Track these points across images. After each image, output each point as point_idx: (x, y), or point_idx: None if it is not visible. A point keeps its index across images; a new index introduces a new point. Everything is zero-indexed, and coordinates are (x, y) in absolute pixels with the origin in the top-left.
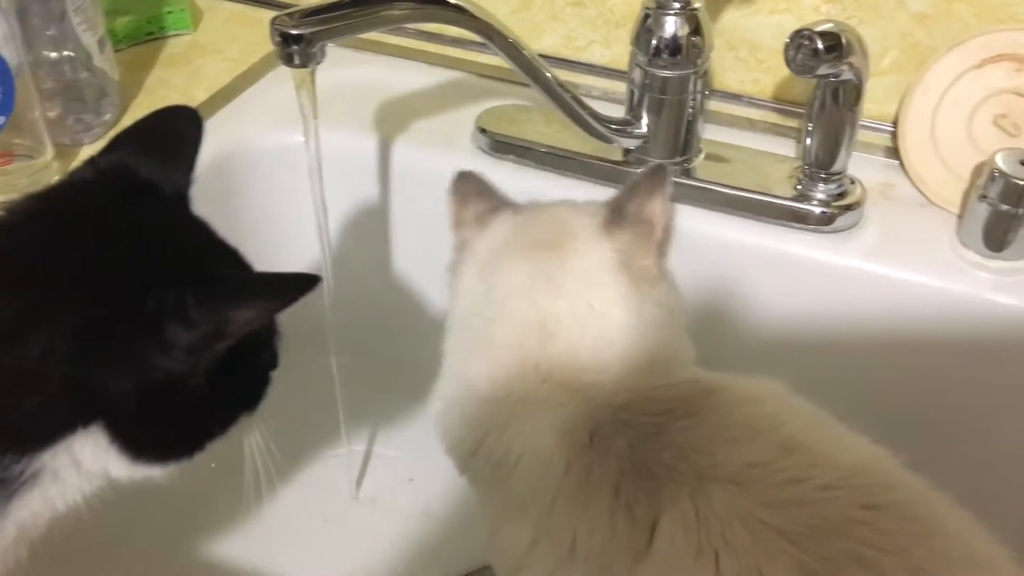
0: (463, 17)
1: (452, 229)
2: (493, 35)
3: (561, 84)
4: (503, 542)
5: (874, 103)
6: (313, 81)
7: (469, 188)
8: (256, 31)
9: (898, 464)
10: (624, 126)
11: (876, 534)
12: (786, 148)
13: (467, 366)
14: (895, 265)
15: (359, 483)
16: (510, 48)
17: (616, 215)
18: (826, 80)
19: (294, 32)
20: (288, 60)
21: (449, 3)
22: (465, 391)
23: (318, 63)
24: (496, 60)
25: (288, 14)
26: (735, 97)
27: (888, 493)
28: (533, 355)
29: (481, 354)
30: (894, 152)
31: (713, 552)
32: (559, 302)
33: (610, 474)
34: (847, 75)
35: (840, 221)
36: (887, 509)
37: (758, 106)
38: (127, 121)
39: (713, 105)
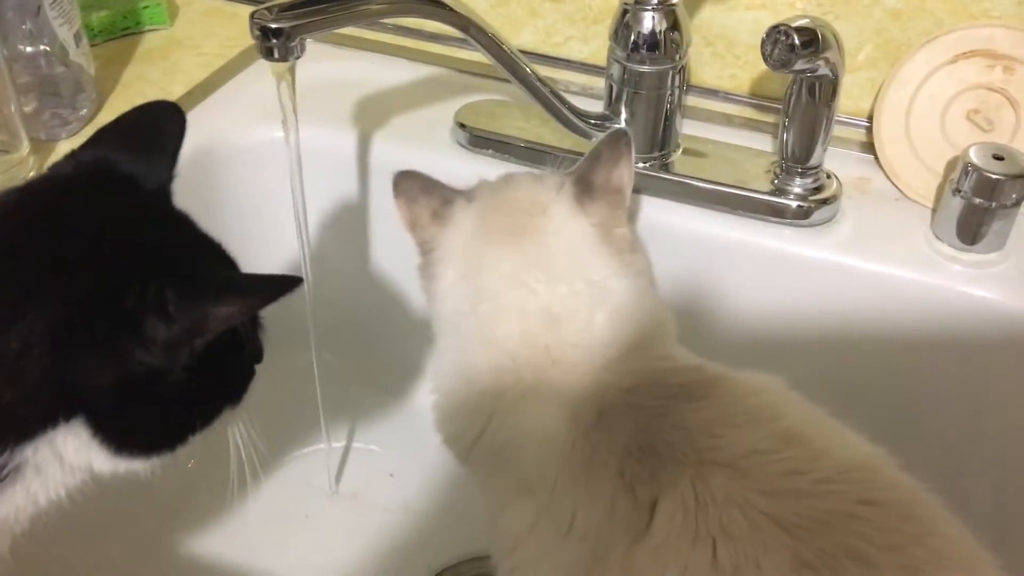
0: (442, 11)
1: (409, 231)
2: (472, 29)
3: (540, 79)
4: (505, 524)
5: (849, 99)
6: (293, 75)
7: (413, 185)
8: (233, 26)
9: (894, 464)
10: (602, 121)
11: (873, 530)
12: (763, 143)
13: (468, 359)
14: (870, 258)
15: (339, 478)
16: (489, 43)
17: (585, 187)
18: (802, 75)
19: (273, 26)
20: (268, 54)
21: None
22: (467, 383)
23: (297, 57)
24: (475, 56)
25: (267, 8)
26: (712, 92)
27: (885, 491)
28: (542, 341)
29: (482, 348)
30: (869, 147)
31: (711, 539)
32: (557, 286)
33: (616, 453)
34: (823, 70)
35: (816, 215)
36: (884, 506)
37: (735, 101)
38: (103, 116)
39: (690, 100)
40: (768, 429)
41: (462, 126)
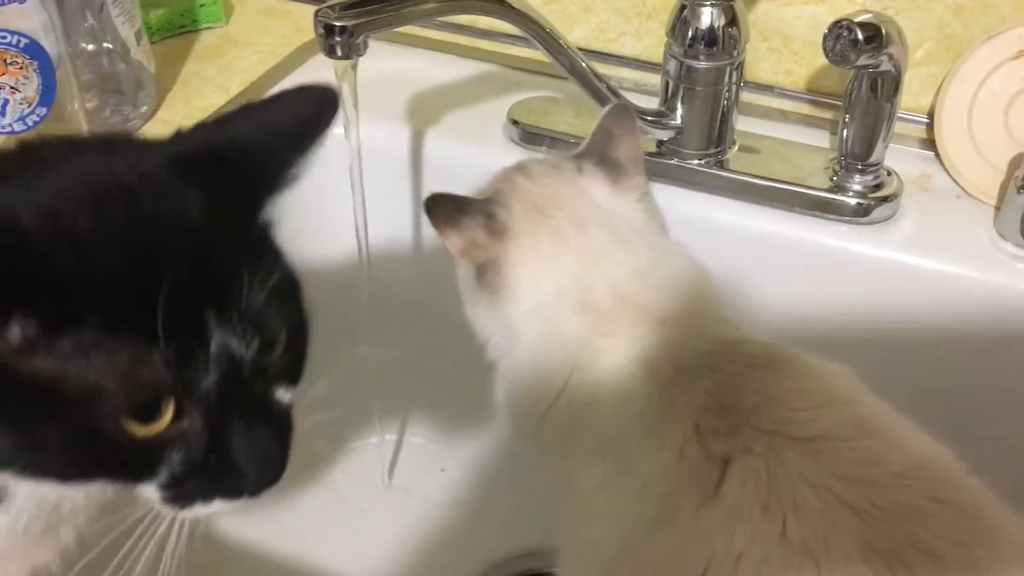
0: (502, 8)
1: (463, 255)
2: (531, 26)
3: (598, 75)
4: (575, 489)
5: (909, 94)
6: (355, 73)
7: (448, 208)
8: (286, 24)
9: (961, 467)
10: (659, 117)
11: (941, 526)
12: (819, 139)
13: (549, 337)
14: (932, 257)
15: (392, 472)
16: (547, 39)
17: (612, 166)
18: (864, 71)
19: (338, 24)
20: (330, 52)
21: None
22: (546, 356)
23: (360, 55)
24: (526, 52)
25: (331, 6)
26: (767, 88)
27: (955, 490)
28: (624, 308)
29: (566, 321)
30: (930, 143)
31: (781, 511)
32: (633, 257)
33: (693, 408)
34: (886, 66)
35: (876, 213)
36: (953, 505)
37: (791, 97)
38: (163, 113)
39: (745, 96)
40: (842, 414)
41: (515, 122)
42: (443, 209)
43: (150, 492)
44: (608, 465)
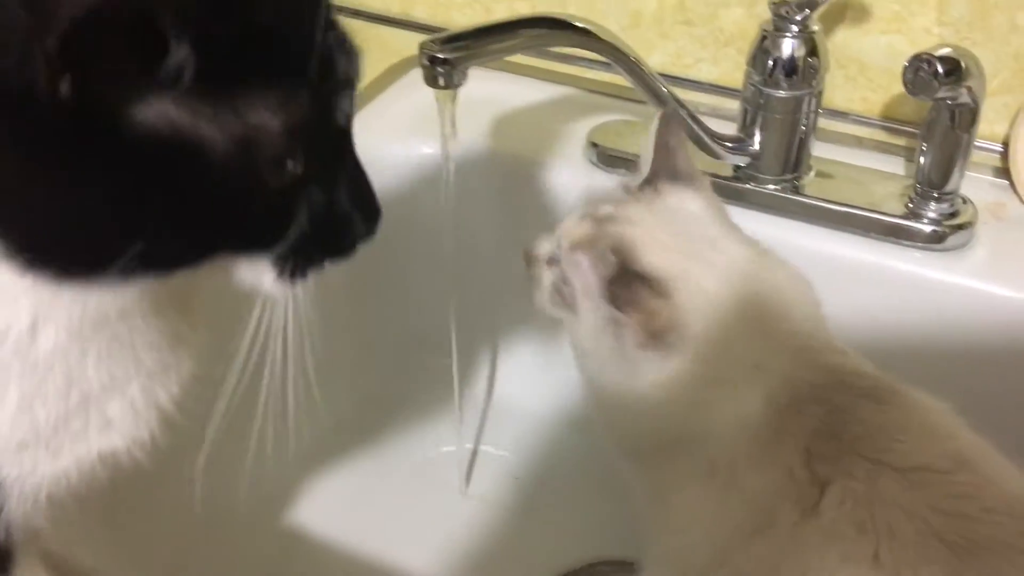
0: (590, 40)
1: (649, 331)
2: (617, 55)
3: (679, 101)
4: (669, 502)
5: (985, 123)
6: (455, 101)
7: (634, 287)
8: (375, 48)
9: None
10: (737, 143)
11: None
12: (893, 166)
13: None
14: (1007, 284)
15: (468, 480)
16: (631, 66)
17: (686, 179)
18: (943, 102)
19: (441, 56)
20: (433, 82)
21: (577, 27)
22: (689, 381)
23: (459, 85)
24: (603, 76)
25: (434, 39)
26: (843, 114)
27: None
28: (771, 323)
29: (736, 343)
30: (1004, 172)
31: (876, 535)
32: (777, 272)
33: (804, 431)
34: (964, 98)
35: (951, 240)
36: None
37: (866, 124)
38: None
39: (821, 122)
40: (942, 447)
41: (594, 145)
42: (625, 288)
43: (265, 272)
44: (714, 480)
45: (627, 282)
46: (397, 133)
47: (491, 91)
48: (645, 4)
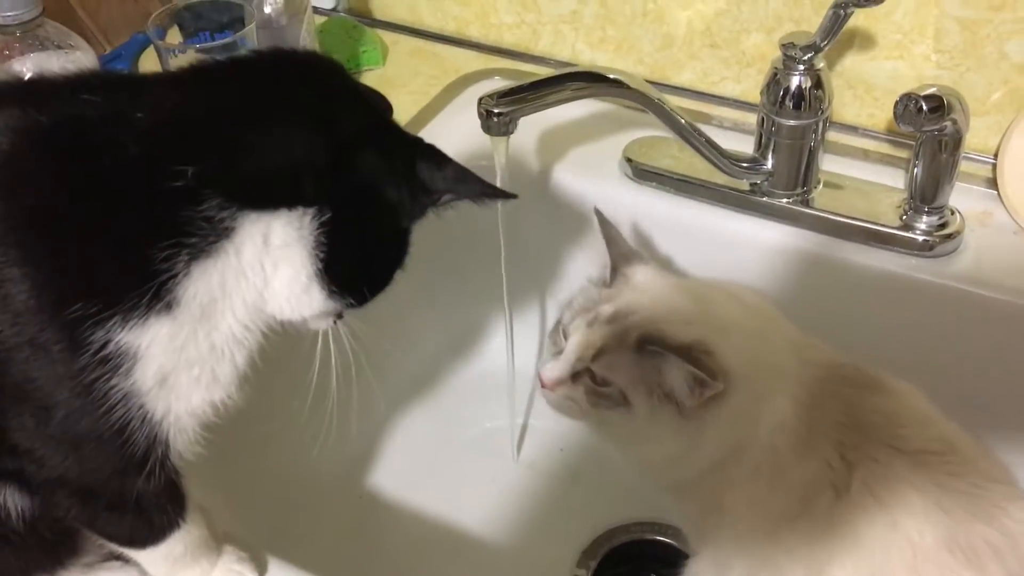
0: (625, 91)
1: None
2: (645, 100)
3: (696, 129)
4: (718, 499)
5: (978, 137)
6: (507, 145)
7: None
8: (433, 65)
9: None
10: (753, 163)
11: (1012, 522)
12: (895, 177)
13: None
14: (989, 287)
15: (519, 450)
16: (658, 109)
17: (638, 258)
18: (930, 132)
19: (496, 110)
20: (489, 130)
21: (611, 79)
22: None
23: (510, 133)
24: None
25: (491, 95)
26: (851, 129)
27: (1016, 503)
28: (769, 331)
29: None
30: (994, 183)
31: (893, 506)
32: (745, 292)
33: (833, 425)
34: (949, 129)
35: (940, 248)
36: (1017, 512)
37: (872, 137)
38: None
39: (831, 136)
40: (933, 431)
41: (629, 160)
42: (678, 367)
43: None
44: (758, 480)
45: (675, 360)
46: (456, 147)
47: None
48: (676, 28)
